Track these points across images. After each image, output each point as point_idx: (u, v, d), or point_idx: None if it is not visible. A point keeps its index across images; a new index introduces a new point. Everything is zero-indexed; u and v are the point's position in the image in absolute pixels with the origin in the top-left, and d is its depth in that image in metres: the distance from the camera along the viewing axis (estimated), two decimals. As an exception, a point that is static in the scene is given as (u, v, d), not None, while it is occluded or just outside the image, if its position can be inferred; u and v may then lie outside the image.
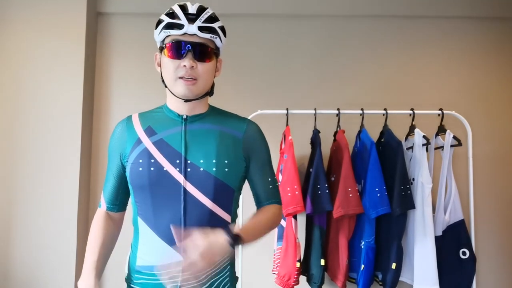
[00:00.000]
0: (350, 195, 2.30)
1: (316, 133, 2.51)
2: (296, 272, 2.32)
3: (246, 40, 2.96)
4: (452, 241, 2.40)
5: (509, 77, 2.95)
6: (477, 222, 2.61)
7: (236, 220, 1.37)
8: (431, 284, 2.27)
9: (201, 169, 1.25)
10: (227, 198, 1.29)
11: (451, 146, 2.42)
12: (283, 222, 2.43)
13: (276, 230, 2.50)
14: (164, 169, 1.24)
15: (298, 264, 2.32)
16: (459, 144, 2.41)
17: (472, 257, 2.38)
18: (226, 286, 1.29)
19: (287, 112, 2.56)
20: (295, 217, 2.38)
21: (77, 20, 2.80)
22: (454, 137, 2.42)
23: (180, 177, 1.24)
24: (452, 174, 2.43)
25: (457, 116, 2.55)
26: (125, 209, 1.41)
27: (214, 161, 1.25)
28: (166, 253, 1.23)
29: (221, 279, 1.27)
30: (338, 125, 2.57)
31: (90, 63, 2.90)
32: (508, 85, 2.94)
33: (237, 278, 1.36)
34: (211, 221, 1.24)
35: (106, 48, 2.97)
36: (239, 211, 1.42)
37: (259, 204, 1.39)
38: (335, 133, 2.58)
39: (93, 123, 2.93)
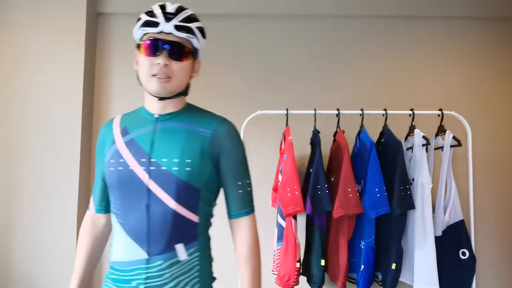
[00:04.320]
0: (350, 195, 2.30)
1: (316, 133, 2.51)
2: (296, 273, 2.32)
3: (246, 40, 2.96)
4: (452, 242, 2.40)
5: (509, 77, 2.95)
6: (477, 222, 2.61)
7: (211, 220, 1.35)
8: (431, 284, 2.27)
9: (163, 168, 1.24)
10: (192, 198, 1.27)
11: (451, 146, 2.42)
12: (283, 222, 2.43)
13: (276, 230, 2.51)
14: (130, 168, 1.26)
15: (298, 265, 2.32)
16: (459, 144, 2.41)
17: (472, 257, 2.38)
18: (196, 287, 1.26)
19: (287, 112, 2.56)
20: (295, 217, 2.38)
21: (77, 20, 2.81)
22: (454, 138, 2.42)
23: (144, 176, 1.25)
24: (452, 174, 2.43)
25: (457, 116, 2.55)
26: None
27: (175, 160, 1.24)
28: (132, 250, 1.25)
29: (188, 279, 1.26)
30: (338, 125, 2.57)
31: (90, 63, 2.90)
32: (508, 85, 2.94)
33: (214, 278, 1.34)
34: (175, 221, 1.24)
35: (106, 48, 2.97)
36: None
37: (229, 214, 1.34)
38: (335, 133, 2.58)
39: (93, 122, 2.94)
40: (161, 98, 1.31)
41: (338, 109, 2.56)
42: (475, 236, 2.53)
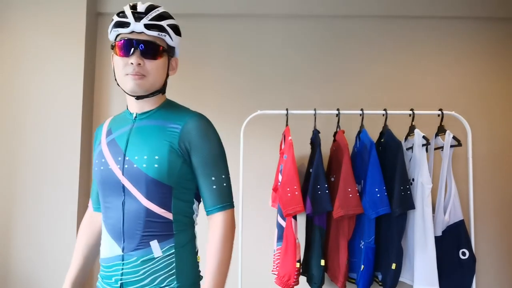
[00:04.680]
0: (350, 195, 2.30)
1: (316, 133, 2.51)
2: (295, 273, 2.32)
3: (246, 40, 2.96)
4: (452, 242, 2.40)
5: (509, 77, 2.95)
6: (477, 222, 2.61)
7: (193, 217, 1.34)
8: (431, 284, 2.27)
9: (135, 165, 1.26)
10: (163, 195, 1.26)
11: (451, 146, 2.42)
12: (283, 223, 2.43)
13: (276, 230, 2.51)
14: (109, 167, 1.30)
15: (298, 265, 2.32)
16: (459, 144, 2.41)
17: (472, 257, 2.38)
18: (173, 284, 1.25)
19: (287, 112, 2.56)
20: (295, 217, 2.38)
21: (77, 20, 2.81)
22: (454, 138, 2.42)
23: (119, 174, 1.28)
24: (452, 174, 2.43)
25: (457, 116, 2.55)
26: None
27: (145, 157, 1.26)
28: (111, 247, 1.28)
29: (164, 276, 1.25)
30: (338, 125, 2.57)
31: (90, 63, 2.90)
32: (508, 85, 2.94)
33: (200, 277, 1.34)
34: (148, 218, 1.26)
35: (106, 48, 2.97)
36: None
37: (205, 208, 1.32)
38: (335, 133, 2.58)
39: (93, 122, 2.94)
40: (138, 97, 1.32)
41: (338, 109, 2.56)
42: (475, 236, 2.53)
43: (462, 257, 2.38)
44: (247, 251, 2.59)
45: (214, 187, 1.30)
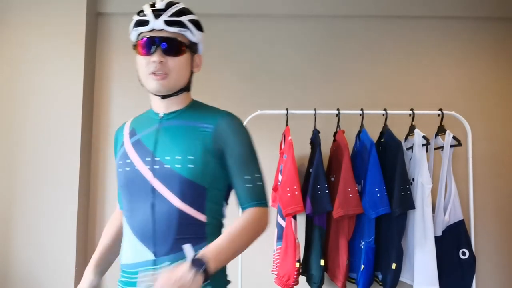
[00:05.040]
0: (350, 195, 2.30)
1: (316, 133, 2.51)
2: (295, 273, 2.32)
3: (246, 40, 2.96)
4: (452, 241, 2.40)
5: (509, 77, 2.95)
6: (477, 222, 2.61)
7: (222, 220, 1.32)
8: (431, 284, 2.27)
9: (166, 166, 1.22)
10: (197, 196, 1.23)
11: (451, 146, 2.42)
12: (282, 223, 2.43)
13: (275, 230, 2.51)
14: (136, 168, 1.25)
15: (297, 265, 2.32)
16: (459, 144, 2.41)
17: (472, 257, 2.38)
18: None
19: (287, 112, 2.56)
20: (294, 217, 2.38)
21: (77, 20, 2.80)
22: (454, 137, 2.42)
23: (148, 175, 1.23)
24: (452, 174, 2.43)
25: (457, 116, 2.55)
26: None
27: (178, 157, 1.22)
28: (139, 251, 1.22)
29: None
30: (338, 125, 2.57)
31: (90, 63, 2.90)
32: (507, 85, 2.94)
33: (228, 281, 1.30)
34: (181, 221, 1.21)
35: (106, 48, 2.97)
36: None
37: (240, 206, 1.30)
38: (335, 133, 2.58)
39: (93, 123, 2.93)
40: (163, 97, 1.29)
41: (338, 109, 2.56)
42: (475, 236, 2.53)
43: (462, 257, 2.38)
44: (247, 251, 2.58)
45: (249, 185, 1.27)
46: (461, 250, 2.39)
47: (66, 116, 2.77)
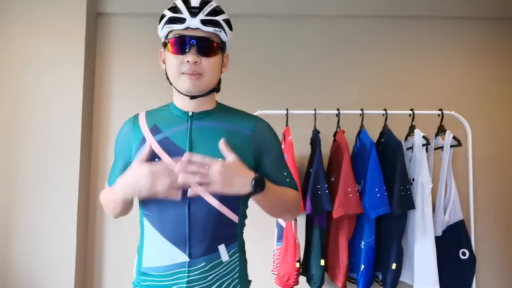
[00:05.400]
0: (350, 195, 2.30)
1: (316, 133, 2.51)
2: (295, 272, 2.32)
3: (246, 40, 2.96)
4: (452, 242, 2.40)
5: (509, 77, 2.95)
6: (477, 222, 2.61)
7: (245, 221, 1.34)
8: (431, 284, 2.27)
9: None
10: (234, 198, 1.22)
11: (451, 146, 2.42)
12: (282, 222, 2.43)
13: (275, 230, 2.51)
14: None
15: (297, 265, 2.32)
16: (459, 144, 2.41)
17: (472, 257, 2.38)
18: None
19: (287, 112, 2.55)
20: (295, 217, 2.38)
21: (77, 20, 2.80)
22: (454, 138, 2.42)
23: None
24: (452, 174, 2.43)
25: (457, 116, 2.55)
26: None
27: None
28: (171, 254, 1.20)
29: (229, 280, 1.25)
30: (338, 125, 2.57)
31: (90, 63, 2.90)
32: (507, 85, 2.94)
33: (250, 281, 1.33)
34: (218, 222, 1.21)
35: (106, 48, 2.97)
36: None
37: None
38: (335, 133, 2.58)
39: (93, 123, 2.93)
40: (192, 97, 1.27)
41: (338, 109, 2.56)
42: (475, 236, 2.53)
43: (462, 257, 2.38)
44: (247, 251, 2.59)
45: (288, 180, 1.34)
46: (461, 250, 2.39)
47: (66, 116, 2.77)
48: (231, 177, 1.14)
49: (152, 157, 1.22)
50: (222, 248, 1.22)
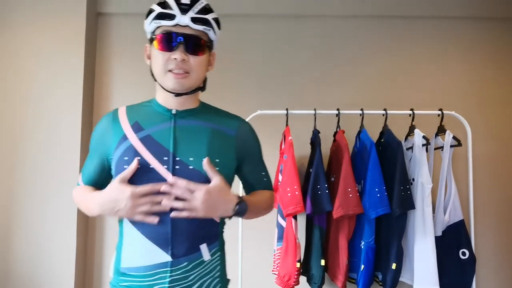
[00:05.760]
0: (350, 195, 2.30)
1: (316, 133, 2.51)
2: (296, 273, 2.32)
3: (246, 40, 2.96)
4: (452, 241, 2.40)
5: (509, 77, 2.95)
6: (477, 222, 2.61)
7: (226, 221, 1.33)
8: (431, 284, 2.27)
9: (191, 167, 1.19)
10: None
11: (451, 146, 2.42)
12: (283, 222, 2.43)
13: (276, 230, 2.51)
14: (151, 166, 1.19)
15: (298, 265, 2.32)
16: (459, 144, 2.41)
17: (472, 257, 2.38)
18: (217, 287, 1.25)
19: (287, 112, 2.56)
20: (295, 217, 2.38)
21: (77, 20, 2.80)
22: (454, 138, 2.42)
23: (167, 175, 1.18)
24: (452, 174, 2.43)
25: (457, 116, 2.55)
26: None
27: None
28: (153, 254, 1.18)
29: (210, 279, 1.24)
30: (338, 125, 2.57)
31: (90, 63, 2.90)
32: (507, 85, 2.94)
33: (228, 280, 1.32)
34: (200, 221, 1.19)
35: (106, 48, 2.97)
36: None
37: (252, 190, 1.40)
38: (335, 133, 2.58)
39: (93, 122, 2.93)
40: (177, 94, 1.26)
41: (338, 109, 2.56)
42: (475, 236, 2.53)
43: (462, 257, 2.38)
44: (247, 251, 2.59)
45: (265, 179, 1.40)
46: (461, 250, 2.39)
47: (66, 116, 2.77)
48: (214, 203, 1.17)
49: (134, 155, 1.20)
50: (204, 247, 1.21)
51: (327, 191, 2.33)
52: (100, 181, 1.33)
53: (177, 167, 1.19)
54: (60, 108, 2.77)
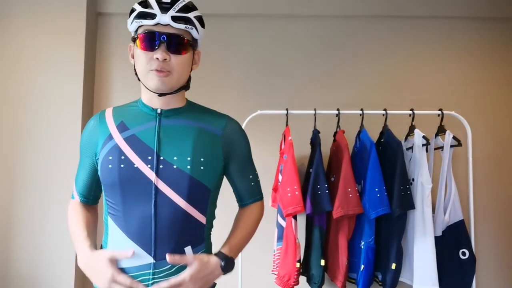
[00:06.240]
0: (350, 195, 2.30)
1: (316, 133, 2.51)
2: (296, 273, 2.32)
3: (246, 40, 2.96)
4: (451, 242, 2.40)
5: (509, 77, 2.95)
6: (476, 222, 2.61)
7: (213, 222, 1.32)
8: (431, 284, 2.27)
9: (174, 166, 1.18)
10: (202, 198, 1.22)
11: (451, 146, 2.42)
12: (283, 223, 2.43)
13: (276, 230, 2.51)
14: (135, 166, 1.18)
15: (298, 265, 2.32)
16: (459, 144, 2.41)
17: (472, 257, 2.38)
18: None
19: (287, 112, 2.56)
20: (295, 217, 2.38)
21: (77, 20, 2.80)
22: (454, 138, 2.42)
23: (151, 174, 1.17)
24: (452, 174, 2.43)
25: (457, 116, 2.55)
26: (98, 202, 1.38)
27: (189, 158, 1.19)
28: (136, 256, 1.17)
29: None
30: (338, 125, 2.57)
31: (90, 63, 2.90)
32: (508, 85, 2.94)
33: (214, 284, 1.30)
34: (185, 223, 1.18)
35: (106, 48, 2.97)
36: (217, 212, 1.36)
37: (240, 202, 1.40)
38: (335, 133, 2.58)
39: (93, 123, 2.93)
40: (161, 94, 1.24)
41: (338, 109, 2.56)
42: (475, 236, 2.53)
43: (462, 257, 2.38)
44: (247, 251, 2.58)
45: (252, 183, 1.38)
46: (461, 250, 2.39)
47: (66, 115, 2.77)
48: (201, 283, 1.19)
49: (118, 154, 1.19)
50: (188, 250, 1.19)
51: (327, 191, 2.33)
52: (94, 187, 1.33)
53: (161, 166, 1.19)
54: (60, 108, 2.77)
